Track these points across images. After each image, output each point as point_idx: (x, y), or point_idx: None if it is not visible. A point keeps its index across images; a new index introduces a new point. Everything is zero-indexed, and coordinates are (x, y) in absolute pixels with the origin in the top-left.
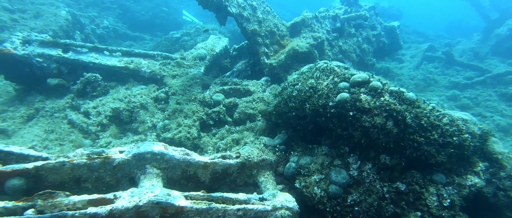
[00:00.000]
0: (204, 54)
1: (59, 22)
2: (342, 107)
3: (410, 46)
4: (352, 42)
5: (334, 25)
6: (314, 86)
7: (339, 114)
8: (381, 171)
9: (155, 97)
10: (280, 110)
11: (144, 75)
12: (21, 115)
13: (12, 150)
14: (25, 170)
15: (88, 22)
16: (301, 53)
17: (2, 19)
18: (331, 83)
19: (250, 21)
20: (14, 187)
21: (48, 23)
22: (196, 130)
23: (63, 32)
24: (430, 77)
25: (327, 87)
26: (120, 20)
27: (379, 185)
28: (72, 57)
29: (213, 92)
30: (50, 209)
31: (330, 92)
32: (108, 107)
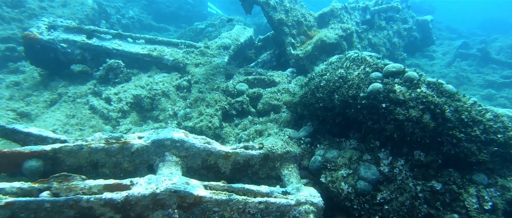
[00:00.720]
0: (228, 44)
1: (85, 11)
2: (374, 99)
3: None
4: (382, 36)
5: (363, 17)
6: (344, 76)
7: (371, 106)
8: (415, 168)
9: (177, 85)
10: (306, 101)
11: (167, 63)
12: (45, 100)
13: (31, 131)
14: (43, 151)
15: (114, 12)
16: (329, 44)
17: (31, 7)
18: (362, 73)
19: (277, 10)
20: (32, 168)
21: (75, 12)
22: (218, 120)
23: (89, 21)
24: (463, 75)
25: (358, 77)
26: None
27: (412, 183)
28: (95, 44)
29: (236, 81)
30: (65, 192)
31: (361, 83)
32: (130, 94)
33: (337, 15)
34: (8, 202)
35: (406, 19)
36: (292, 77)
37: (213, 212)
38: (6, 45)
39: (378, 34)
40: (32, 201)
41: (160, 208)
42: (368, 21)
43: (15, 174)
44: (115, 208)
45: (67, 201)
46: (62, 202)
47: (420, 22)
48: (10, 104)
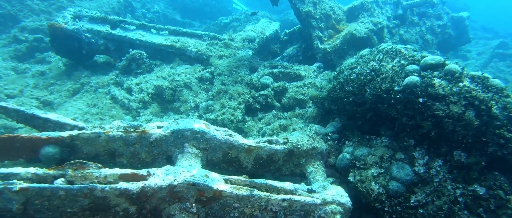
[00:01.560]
0: (253, 37)
1: (111, 4)
2: (410, 93)
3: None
4: (414, 32)
5: (395, 11)
6: (376, 69)
7: (406, 100)
8: (454, 170)
9: (199, 77)
10: (334, 95)
11: (190, 54)
12: (68, 89)
13: (49, 117)
14: (60, 138)
15: (140, 6)
16: (358, 38)
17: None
18: (397, 65)
19: (305, 1)
20: (49, 155)
21: (101, 5)
22: (240, 113)
23: (115, 14)
24: (501, 77)
25: (392, 70)
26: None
27: (450, 186)
28: (119, 34)
29: (261, 74)
30: (80, 180)
31: (395, 76)
32: (151, 84)
33: (367, 9)
34: (22, 188)
35: (440, 15)
36: (318, 72)
37: (233, 208)
38: (34, 36)
39: (410, 30)
40: (46, 188)
41: (177, 201)
42: (400, 16)
43: (32, 160)
44: (130, 199)
45: (81, 190)
46: (76, 190)
47: (456, 19)
48: (34, 92)
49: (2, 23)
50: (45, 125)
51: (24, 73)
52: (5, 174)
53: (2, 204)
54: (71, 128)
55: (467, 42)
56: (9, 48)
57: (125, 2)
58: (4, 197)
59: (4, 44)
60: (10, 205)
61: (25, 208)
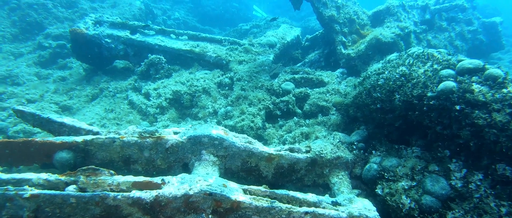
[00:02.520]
0: (274, 42)
1: (132, 11)
2: (446, 99)
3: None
4: (443, 38)
5: (422, 16)
6: (406, 74)
7: (440, 107)
8: (498, 185)
9: (218, 83)
10: (360, 102)
11: (210, 60)
12: (87, 94)
13: (64, 121)
14: (74, 143)
15: (160, 13)
16: (384, 43)
17: (83, 7)
18: (430, 70)
19: (328, 6)
20: (62, 160)
21: (123, 12)
22: (260, 120)
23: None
24: None
25: (424, 75)
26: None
27: (494, 203)
28: (139, 39)
29: (282, 80)
30: (92, 187)
31: (428, 81)
32: (169, 90)
33: (393, 13)
34: (33, 194)
35: (470, 21)
36: (342, 78)
37: None
38: (57, 43)
39: (439, 35)
40: (57, 195)
41: (193, 212)
42: (428, 21)
43: (47, 165)
44: (144, 209)
45: (93, 198)
46: (87, 198)
47: (487, 24)
48: (54, 97)
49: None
50: (60, 129)
51: (46, 79)
52: (17, 180)
53: (13, 210)
54: (86, 132)
55: (500, 48)
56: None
57: (146, 9)
58: (15, 203)
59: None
60: (21, 212)
61: (35, 215)
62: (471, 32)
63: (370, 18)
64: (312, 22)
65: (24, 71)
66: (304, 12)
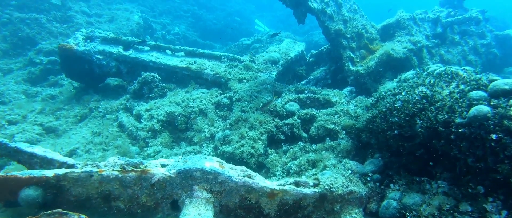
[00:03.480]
0: (276, 58)
1: (130, 26)
2: (479, 127)
3: None
4: (456, 52)
5: (434, 30)
6: (428, 96)
7: (473, 136)
8: None
9: (216, 103)
10: (374, 126)
11: (207, 77)
12: (75, 114)
13: (35, 151)
14: (44, 178)
15: (160, 28)
16: (396, 59)
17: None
18: (456, 91)
19: (334, 19)
20: (29, 198)
21: (120, 27)
22: (262, 145)
23: (134, 36)
24: None
25: (450, 98)
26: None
27: None
28: (132, 55)
29: (286, 100)
30: None
31: (455, 104)
32: (163, 111)
33: (404, 27)
34: None
35: (483, 34)
36: (351, 97)
37: None
38: (49, 59)
39: (451, 50)
40: None
41: None
42: (440, 34)
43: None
44: None
45: None
46: None
47: (500, 37)
48: (39, 118)
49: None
50: (31, 160)
51: (34, 97)
52: None
53: None
54: (59, 165)
55: None
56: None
57: (144, 24)
58: None
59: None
60: None
61: None
62: (485, 46)
63: (379, 32)
64: (315, 37)
65: (11, 89)
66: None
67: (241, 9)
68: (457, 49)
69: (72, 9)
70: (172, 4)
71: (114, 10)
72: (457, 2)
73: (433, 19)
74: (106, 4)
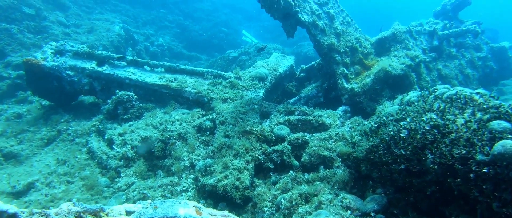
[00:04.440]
0: (264, 75)
1: (110, 37)
2: (507, 167)
3: None
4: (453, 66)
5: (430, 43)
6: (439, 125)
7: (499, 178)
8: None
9: (198, 126)
10: (376, 158)
11: (189, 96)
12: (41, 137)
13: None
14: None
15: (143, 39)
16: (394, 76)
17: (54, 33)
18: (473, 121)
19: (326, 33)
20: None
21: (100, 38)
22: (248, 176)
23: (114, 48)
24: None
25: (466, 128)
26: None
27: None
28: (106, 72)
29: (275, 123)
30: None
31: (474, 137)
32: (138, 136)
33: (400, 41)
34: None
35: (479, 46)
36: (345, 117)
37: None
38: (18, 73)
39: (449, 64)
40: None
41: None
42: (436, 48)
43: None
44: None
45: None
46: None
47: (496, 49)
48: None
49: None
50: None
51: None
52: None
53: None
54: None
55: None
56: None
57: (126, 35)
58: None
59: None
60: None
61: None
62: (481, 59)
63: (374, 46)
64: (305, 48)
65: None
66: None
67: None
68: (454, 63)
69: (48, 19)
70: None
71: (94, 21)
72: (452, 14)
73: (429, 31)
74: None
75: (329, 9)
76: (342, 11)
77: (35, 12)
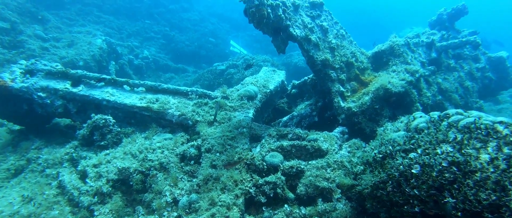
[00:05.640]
0: (253, 93)
1: (92, 51)
2: None
3: None
4: (452, 79)
5: (429, 55)
6: (459, 162)
7: None
8: None
9: (182, 154)
10: (384, 196)
11: (172, 119)
12: (8, 167)
13: None
14: None
15: (127, 52)
16: (394, 94)
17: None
18: (501, 158)
19: (320, 47)
20: None
21: (80, 52)
22: (238, 213)
23: (95, 62)
24: None
25: (494, 167)
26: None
27: None
28: (81, 93)
29: (266, 150)
30: None
31: (505, 179)
32: (114, 167)
33: (398, 54)
34: None
35: (477, 57)
36: (342, 139)
37: None
38: None
39: (448, 76)
40: None
41: None
42: (435, 60)
43: None
44: None
45: None
46: None
47: (493, 59)
48: None
49: None
50: None
51: None
52: None
53: None
54: None
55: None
56: None
57: (108, 48)
58: None
59: None
60: None
61: None
62: (480, 70)
63: (371, 59)
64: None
65: None
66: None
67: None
68: (453, 75)
69: (24, 33)
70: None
71: (75, 34)
72: (449, 24)
73: (427, 43)
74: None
75: (322, 22)
76: (336, 24)
77: (10, 25)
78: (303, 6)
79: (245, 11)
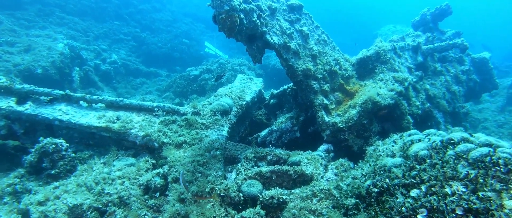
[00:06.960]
0: (228, 107)
1: (52, 57)
2: None
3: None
4: (439, 84)
5: (415, 59)
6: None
7: None
8: None
9: (145, 185)
10: None
11: (135, 140)
12: None
13: None
14: None
15: (93, 56)
16: (384, 107)
17: None
18: None
19: (300, 55)
20: None
21: (38, 59)
22: None
23: (56, 69)
24: None
25: None
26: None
27: None
28: (28, 112)
29: (243, 177)
30: None
31: None
32: (64, 204)
33: (385, 61)
34: None
35: (461, 59)
36: (328, 159)
37: None
38: None
39: (435, 81)
40: None
41: None
42: (421, 64)
43: None
44: None
45: None
46: None
47: (477, 60)
48: None
49: None
50: None
51: None
52: None
53: None
54: None
55: (494, 88)
56: None
57: (71, 53)
58: None
59: None
60: None
61: None
62: (465, 73)
63: (355, 67)
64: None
65: None
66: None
67: (189, 29)
68: (440, 79)
69: None
70: (110, 27)
71: (33, 37)
72: (433, 24)
73: (413, 47)
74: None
75: (302, 26)
76: (317, 28)
77: None
78: (280, 9)
79: (214, 17)
